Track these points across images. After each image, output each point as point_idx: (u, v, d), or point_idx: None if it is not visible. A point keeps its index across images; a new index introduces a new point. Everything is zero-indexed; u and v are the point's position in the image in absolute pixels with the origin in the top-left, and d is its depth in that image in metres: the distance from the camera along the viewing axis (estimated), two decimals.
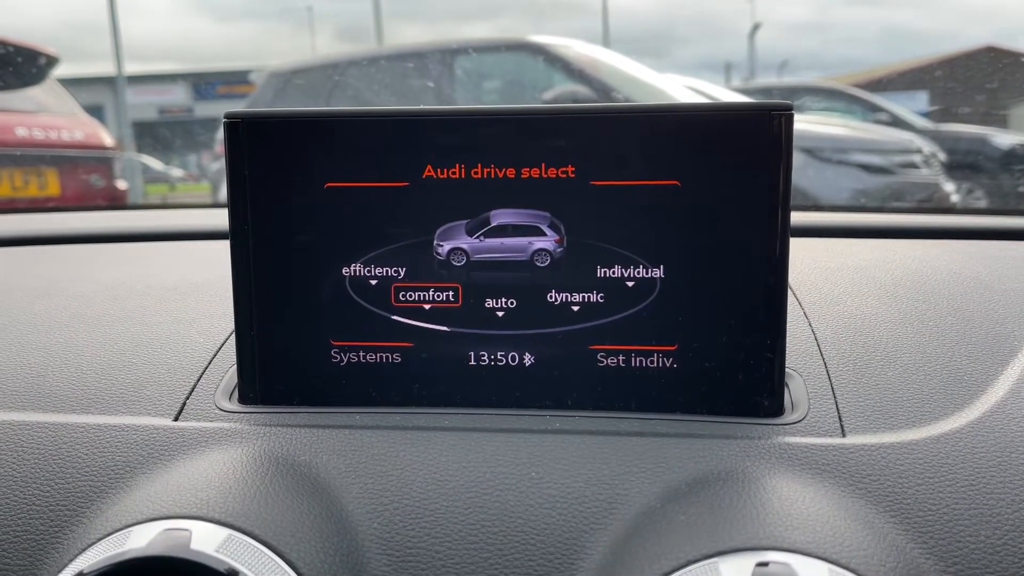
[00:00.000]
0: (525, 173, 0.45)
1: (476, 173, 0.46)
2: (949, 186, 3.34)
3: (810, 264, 0.64)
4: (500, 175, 0.46)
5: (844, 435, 0.43)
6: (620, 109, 0.45)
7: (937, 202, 3.18)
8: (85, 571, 0.36)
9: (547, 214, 0.46)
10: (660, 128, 0.44)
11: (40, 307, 0.62)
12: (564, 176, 0.45)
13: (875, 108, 4.57)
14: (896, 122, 4.27)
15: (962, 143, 3.69)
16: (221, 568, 0.36)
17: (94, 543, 0.39)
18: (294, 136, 0.46)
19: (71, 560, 0.39)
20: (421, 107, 0.46)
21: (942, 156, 3.43)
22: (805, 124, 3.40)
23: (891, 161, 3.30)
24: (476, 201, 0.46)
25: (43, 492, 0.43)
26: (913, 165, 3.32)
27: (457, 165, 0.46)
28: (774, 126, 0.43)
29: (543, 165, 0.45)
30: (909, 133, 3.73)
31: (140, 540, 0.37)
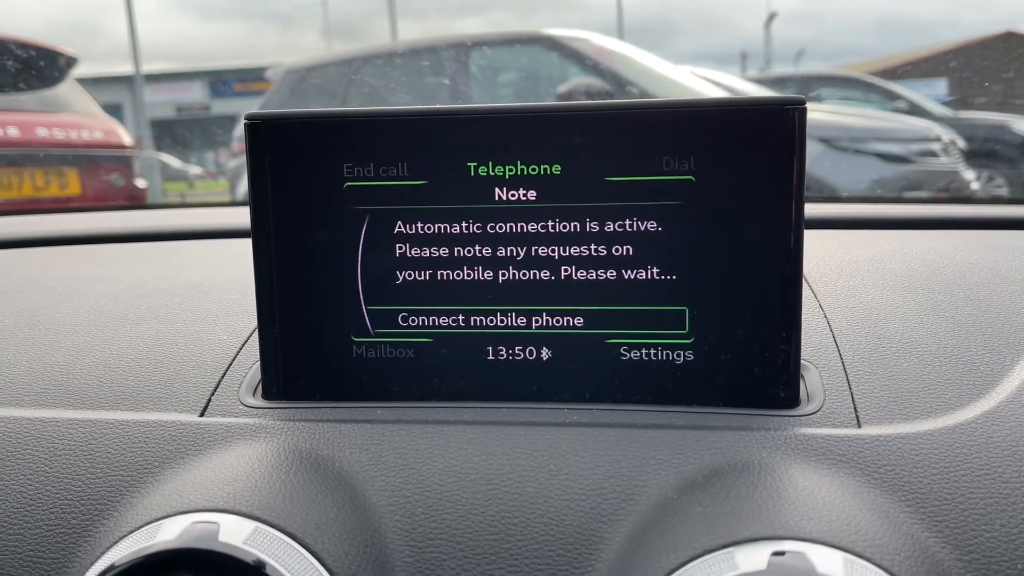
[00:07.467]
0: None
1: (492, 170, 0.46)
2: (969, 174, 3.31)
3: (826, 256, 0.64)
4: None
5: (859, 426, 0.44)
6: (633, 105, 0.46)
7: (956, 190, 3.15)
8: (117, 563, 0.37)
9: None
10: (674, 123, 0.45)
11: (67, 306, 0.63)
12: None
13: (893, 96, 4.53)
14: (914, 110, 4.23)
15: (982, 130, 3.65)
16: (248, 559, 0.37)
17: (124, 536, 0.40)
18: (314, 136, 0.47)
19: (103, 553, 0.40)
20: (436, 106, 0.47)
21: (961, 144, 3.40)
22: (822, 114, 3.38)
23: (910, 150, 3.27)
24: None
25: (74, 487, 0.45)
26: (932, 153, 3.29)
27: (474, 162, 0.46)
28: (788, 120, 0.44)
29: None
30: (927, 121, 3.70)
31: (169, 533, 0.38)
